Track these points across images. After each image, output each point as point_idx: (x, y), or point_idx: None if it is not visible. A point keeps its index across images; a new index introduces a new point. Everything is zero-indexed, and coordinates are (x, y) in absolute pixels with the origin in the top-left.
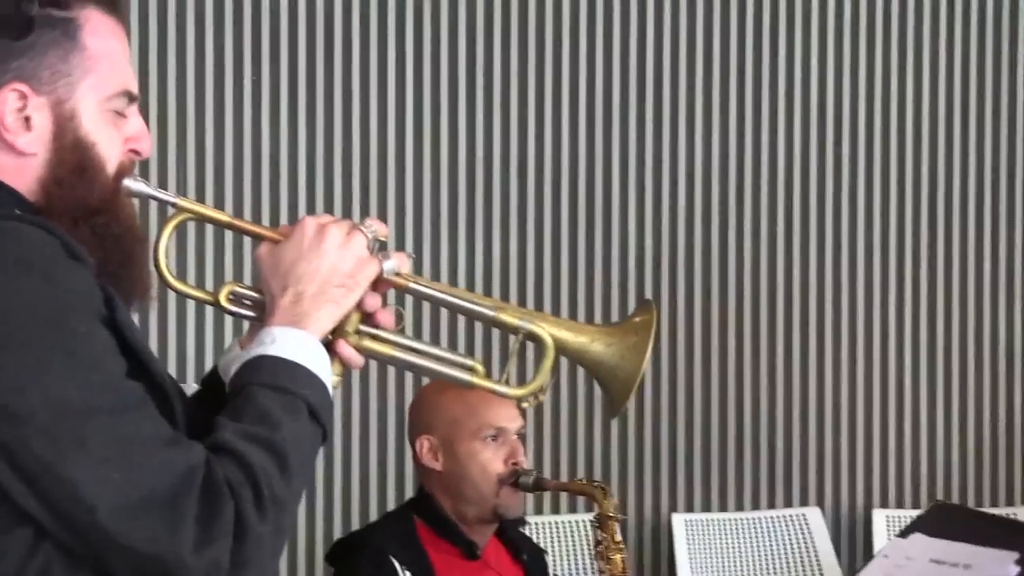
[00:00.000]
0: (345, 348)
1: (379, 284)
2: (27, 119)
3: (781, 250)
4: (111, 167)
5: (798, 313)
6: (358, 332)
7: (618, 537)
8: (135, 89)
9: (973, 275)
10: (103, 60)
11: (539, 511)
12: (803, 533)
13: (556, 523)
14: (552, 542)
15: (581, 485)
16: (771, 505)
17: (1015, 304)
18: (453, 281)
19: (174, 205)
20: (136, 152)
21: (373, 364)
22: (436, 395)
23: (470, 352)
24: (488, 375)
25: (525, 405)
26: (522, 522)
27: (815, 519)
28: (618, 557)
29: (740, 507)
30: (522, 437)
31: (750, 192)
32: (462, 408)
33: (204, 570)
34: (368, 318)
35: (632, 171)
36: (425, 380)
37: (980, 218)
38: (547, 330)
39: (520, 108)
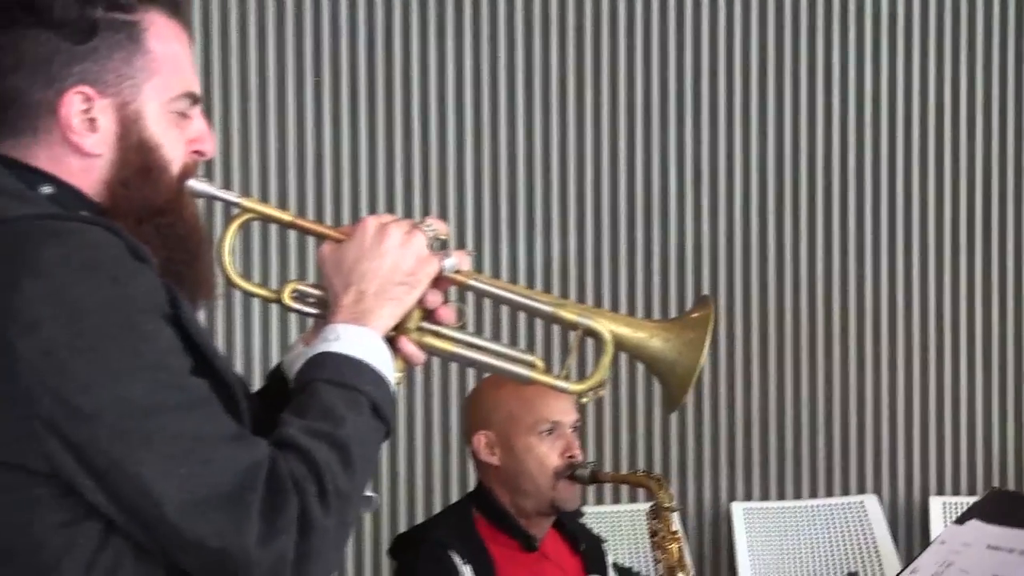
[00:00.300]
0: (407, 345)
1: (440, 282)
2: (92, 121)
3: (836, 242)
4: (175, 168)
5: (854, 303)
6: (420, 329)
7: (674, 527)
8: (198, 91)
9: None
10: (167, 63)
11: (600, 501)
12: (860, 520)
13: (615, 513)
14: (611, 532)
15: (637, 477)
16: (828, 493)
17: None
18: (513, 278)
19: (238, 205)
20: (200, 153)
21: (435, 360)
22: (492, 391)
23: (530, 348)
24: (548, 371)
25: (584, 400)
26: (579, 513)
27: (872, 506)
28: (674, 547)
29: (798, 495)
30: (578, 430)
31: (806, 186)
32: (518, 403)
33: (270, 563)
34: (429, 315)
35: (689, 167)
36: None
37: None
38: (606, 326)
39: (577, 105)
